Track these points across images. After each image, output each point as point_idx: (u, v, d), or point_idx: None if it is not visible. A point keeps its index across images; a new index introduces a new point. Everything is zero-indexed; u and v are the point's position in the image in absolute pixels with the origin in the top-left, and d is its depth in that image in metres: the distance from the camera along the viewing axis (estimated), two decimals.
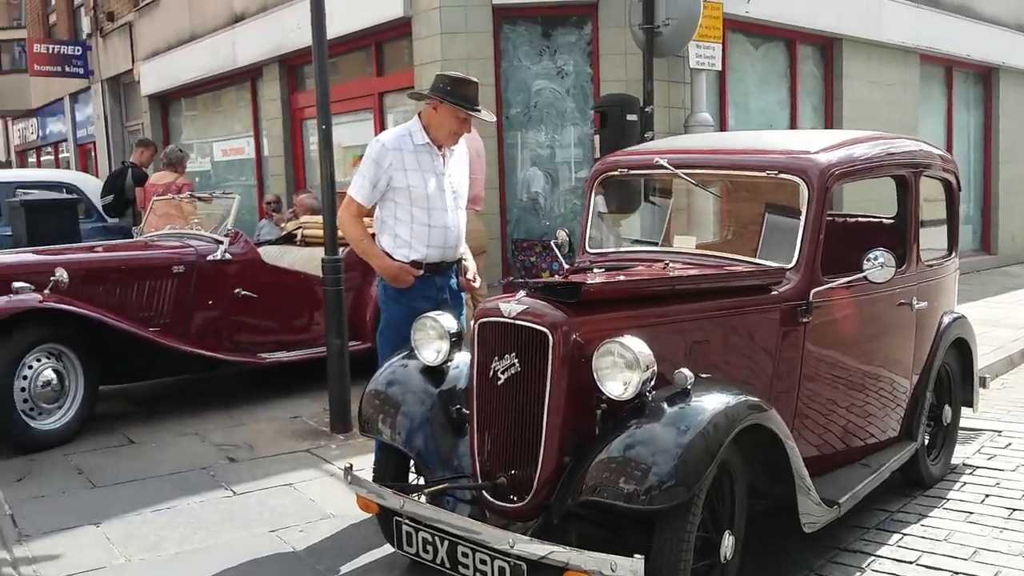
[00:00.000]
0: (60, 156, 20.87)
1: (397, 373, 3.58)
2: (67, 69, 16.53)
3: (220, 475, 4.63)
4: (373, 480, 3.51)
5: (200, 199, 6.53)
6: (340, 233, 4.61)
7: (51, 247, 6.23)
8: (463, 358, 3.47)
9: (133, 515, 4.08)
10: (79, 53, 16.71)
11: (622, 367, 2.90)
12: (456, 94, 4.11)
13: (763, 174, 3.86)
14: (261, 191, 11.99)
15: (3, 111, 22.68)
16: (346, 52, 10.40)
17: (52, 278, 5.12)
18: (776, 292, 3.56)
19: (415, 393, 3.47)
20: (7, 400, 4.85)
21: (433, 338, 3.46)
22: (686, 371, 2.94)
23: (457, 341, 3.48)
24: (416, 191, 4.11)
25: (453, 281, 4.36)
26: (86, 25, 17.27)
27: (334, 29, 9.62)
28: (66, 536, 3.86)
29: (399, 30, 9.16)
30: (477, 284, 4.52)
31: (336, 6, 9.56)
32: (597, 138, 7.61)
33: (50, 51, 16.65)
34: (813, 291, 3.60)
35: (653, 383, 2.92)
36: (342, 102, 10.41)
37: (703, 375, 3.15)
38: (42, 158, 22.65)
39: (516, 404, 3.05)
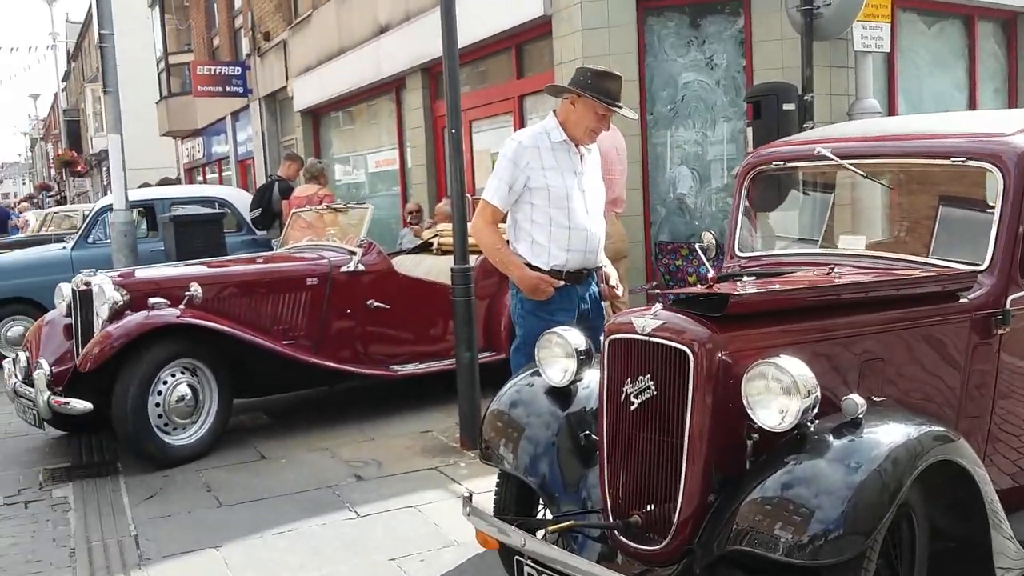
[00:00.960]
0: (223, 173, 21.94)
1: (522, 393, 3.24)
2: (227, 89, 17.27)
3: (345, 495, 4.43)
4: (495, 511, 3.18)
5: (335, 210, 6.44)
6: (473, 241, 4.35)
7: (193, 261, 6.29)
8: (595, 377, 3.09)
9: (254, 538, 3.93)
10: (239, 73, 17.43)
11: (778, 392, 2.44)
12: (597, 88, 3.78)
13: (947, 161, 3.28)
14: (405, 201, 12.01)
15: (173, 131, 24.07)
16: (486, 56, 10.26)
17: (187, 293, 5.10)
18: (965, 299, 2.99)
19: (540, 416, 3.11)
20: (141, 416, 4.84)
21: (559, 356, 3.10)
22: (856, 397, 2.45)
23: (587, 359, 3.10)
24: (555, 191, 3.81)
25: (594, 289, 4.02)
26: (245, 46, 18.01)
27: (474, 33, 9.52)
28: (185, 560, 3.74)
29: (539, 30, 8.91)
30: (620, 292, 4.14)
31: (476, 10, 9.43)
32: (750, 131, 7.04)
33: (212, 72, 17.46)
34: (1011, 297, 3.01)
35: (816, 411, 2.45)
36: (482, 107, 10.31)
37: (876, 399, 2.66)
38: (208, 175, 23.91)
39: (652, 432, 2.65)
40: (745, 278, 3.11)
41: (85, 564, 3.73)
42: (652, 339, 2.63)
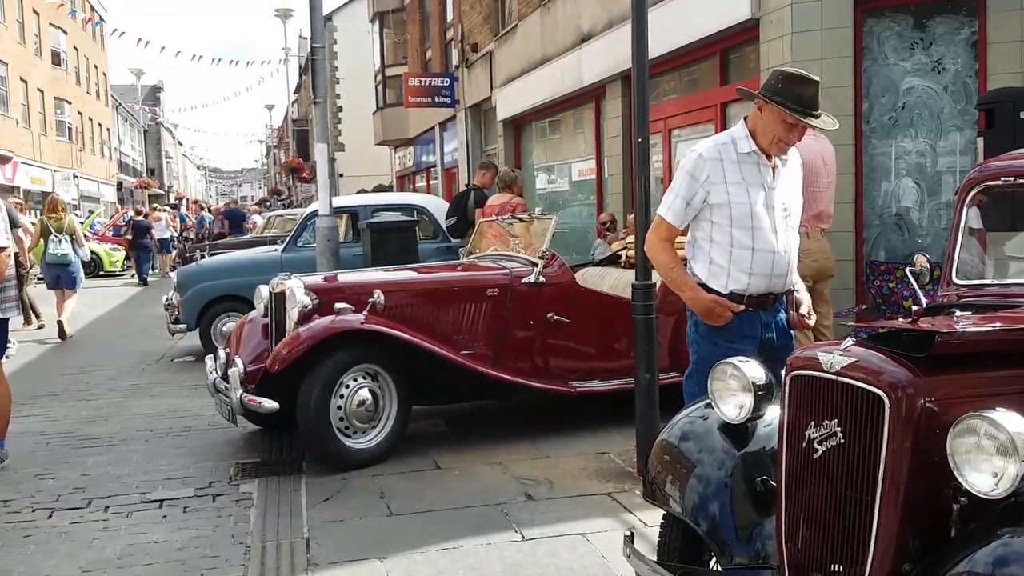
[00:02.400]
0: (431, 181, 22.72)
1: (695, 425, 2.96)
2: (436, 100, 17.85)
3: (513, 514, 4.30)
4: (658, 554, 2.93)
5: (520, 220, 6.37)
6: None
7: (379, 267, 6.40)
8: (777, 414, 2.77)
9: (418, 552, 3.87)
10: (447, 84, 17.98)
11: (991, 452, 2.04)
12: (786, 93, 3.41)
13: None
14: (600, 211, 11.85)
15: (387, 140, 25.24)
16: (689, 63, 9.93)
17: (370, 300, 5.18)
18: None
19: (712, 453, 2.82)
20: (324, 418, 4.94)
21: (734, 390, 2.79)
22: None
23: (767, 394, 2.78)
24: (738, 208, 3.49)
25: (781, 317, 3.65)
26: (455, 58, 18.55)
27: (676, 39, 9.24)
28: (350, 569, 3.74)
29: (746, 34, 8.49)
30: (812, 321, 3.74)
31: (679, 15, 9.15)
32: (980, 141, 6.30)
33: (422, 84, 18.12)
34: None
35: None
36: (683, 115, 9.98)
37: None
38: (417, 183, 24.86)
39: (838, 485, 2.31)
40: (959, 312, 2.69)
41: (257, 564, 3.81)
42: (841, 379, 2.29)
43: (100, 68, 48.96)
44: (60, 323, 11.07)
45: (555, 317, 5.58)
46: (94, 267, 22.40)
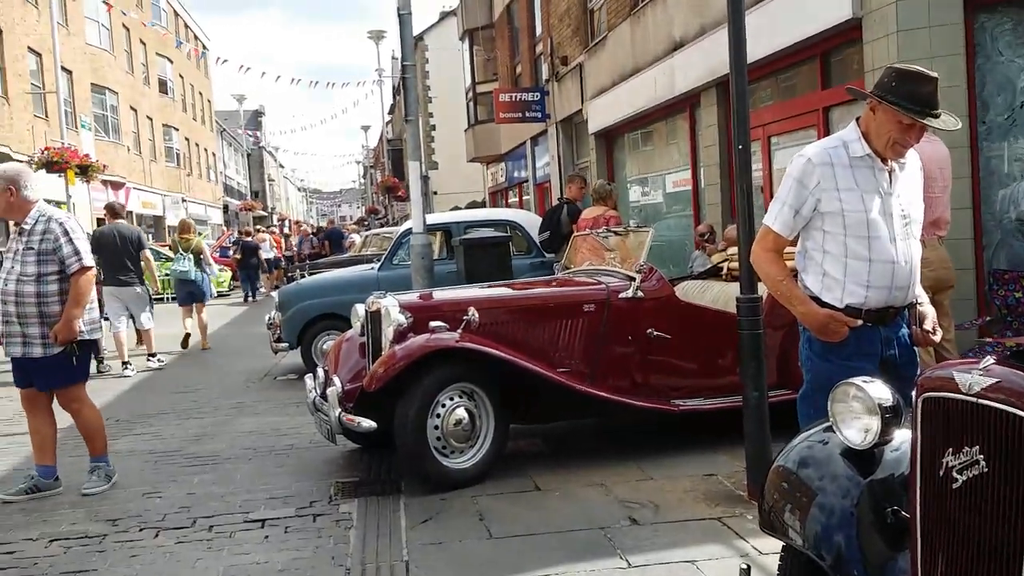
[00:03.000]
0: (523, 196, 22.72)
1: (815, 450, 2.76)
2: (526, 115, 17.85)
3: (617, 539, 4.14)
4: None
5: (615, 233, 6.22)
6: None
7: (471, 284, 6.34)
8: (907, 438, 2.55)
9: None
10: (537, 99, 17.96)
11: None
12: (901, 92, 3.18)
13: None
14: (698, 221, 11.58)
15: (479, 157, 25.40)
16: (788, 67, 9.62)
17: (464, 317, 5.11)
18: None
19: (835, 480, 2.62)
20: (421, 437, 4.89)
21: (858, 412, 2.58)
22: None
23: (894, 417, 2.57)
24: (852, 216, 3.27)
25: (904, 332, 3.40)
26: (545, 72, 18.53)
27: (774, 42, 8.95)
28: None
29: (847, 35, 8.16)
30: (937, 337, 3.48)
31: (777, 18, 8.87)
32: None
33: (512, 99, 18.15)
34: None
35: None
36: (783, 121, 9.66)
37: None
38: (510, 199, 24.91)
39: (981, 518, 2.09)
40: None
41: None
42: (982, 401, 2.08)
43: (205, 95, 51.00)
44: (187, 336, 12.08)
45: (655, 333, 5.40)
46: None
